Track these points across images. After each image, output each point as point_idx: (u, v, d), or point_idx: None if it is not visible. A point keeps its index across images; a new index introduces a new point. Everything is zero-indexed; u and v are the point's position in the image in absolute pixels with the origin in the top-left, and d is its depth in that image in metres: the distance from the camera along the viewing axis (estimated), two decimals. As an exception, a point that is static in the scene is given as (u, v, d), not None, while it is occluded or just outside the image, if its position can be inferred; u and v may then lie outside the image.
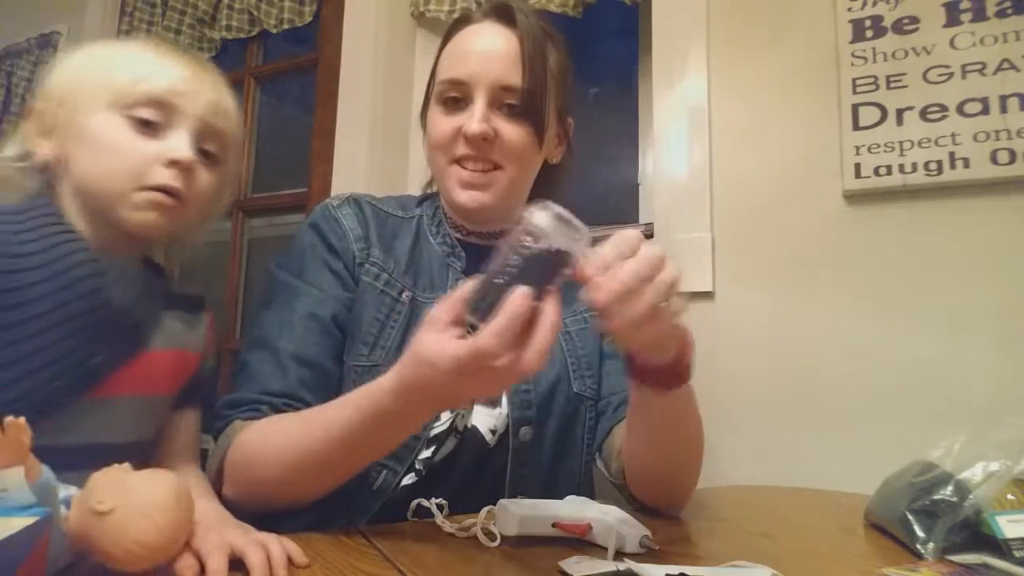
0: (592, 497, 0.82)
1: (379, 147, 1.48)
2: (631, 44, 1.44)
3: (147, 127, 0.63)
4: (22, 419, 0.37)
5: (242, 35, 1.77)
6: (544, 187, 0.85)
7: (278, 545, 0.48)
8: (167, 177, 0.63)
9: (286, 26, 1.70)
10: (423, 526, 0.60)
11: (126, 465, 0.44)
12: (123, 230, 0.63)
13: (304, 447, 0.60)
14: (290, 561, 0.48)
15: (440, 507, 0.60)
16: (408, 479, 0.71)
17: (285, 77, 1.87)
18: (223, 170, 0.70)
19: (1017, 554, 0.50)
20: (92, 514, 0.40)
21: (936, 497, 0.56)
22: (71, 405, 0.59)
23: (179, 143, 0.64)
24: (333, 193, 1.36)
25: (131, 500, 0.41)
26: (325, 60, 1.61)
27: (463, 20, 0.82)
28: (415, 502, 0.63)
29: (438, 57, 0.82)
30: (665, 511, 0.71)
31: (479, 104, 0.75)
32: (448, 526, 0.57)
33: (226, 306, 1.74)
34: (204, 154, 0.67)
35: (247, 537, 0.48)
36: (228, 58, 1.83)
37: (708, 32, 1.18)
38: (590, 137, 1.56)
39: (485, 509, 0.58)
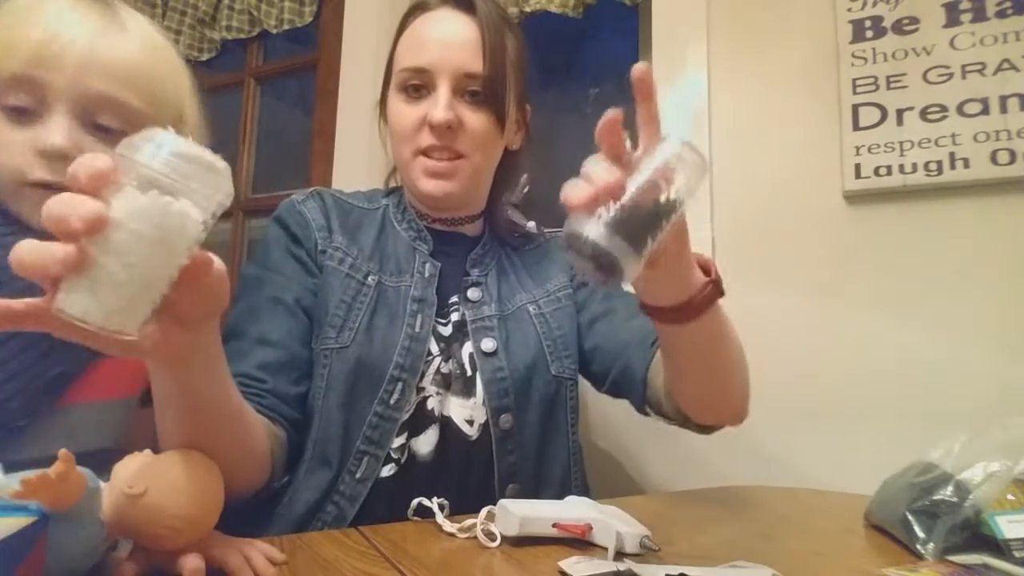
0: (584, 479, 0.83)
1: (379, 147, 1.47)
2: (631, 44, 1.44)
3: (20, 114, 0.54)
4: (69, 457, 0.35)
5: (242, 35, 1.77)
6: (505, 173, 0.86)
7: (255, 549, 0.48)
8: (43, 171, 0.54)
9: (286, 26, 1.70)
10: (423, 526, 0.60)
11: (147, 451, 0.44)
12: None
13: None
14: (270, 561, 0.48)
15: (441, 507, 0.60)
16: (388, 469, 0.70)
17: (285, 77, 1.86)
18: None
19: (1017, 554, 0.50)
20: (126, 499, 0.40)
21: (936, 497, 0.56)
22: (36, 419, 0.56)
23: (50, 127, 0.54)
24: (333, 193, 1.36)
25: (161, 479, 0.41)
26: (325, 60, 1.61)
27: (420, 6, 0.81)
28: (416, 501, 0.63)
29: (395, 44, 0.81)
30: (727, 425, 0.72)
31: (443, 91, 0.75)
32: (448, 526, 0.57)
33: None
34: (104, 131, 0.56)
35: (224, 543, 0.48)
36: (228, 58, 1.82)
37: (708, 32, 1.18)
38: (590, 137, 1.56)
39: (485, 509, 0.58)
